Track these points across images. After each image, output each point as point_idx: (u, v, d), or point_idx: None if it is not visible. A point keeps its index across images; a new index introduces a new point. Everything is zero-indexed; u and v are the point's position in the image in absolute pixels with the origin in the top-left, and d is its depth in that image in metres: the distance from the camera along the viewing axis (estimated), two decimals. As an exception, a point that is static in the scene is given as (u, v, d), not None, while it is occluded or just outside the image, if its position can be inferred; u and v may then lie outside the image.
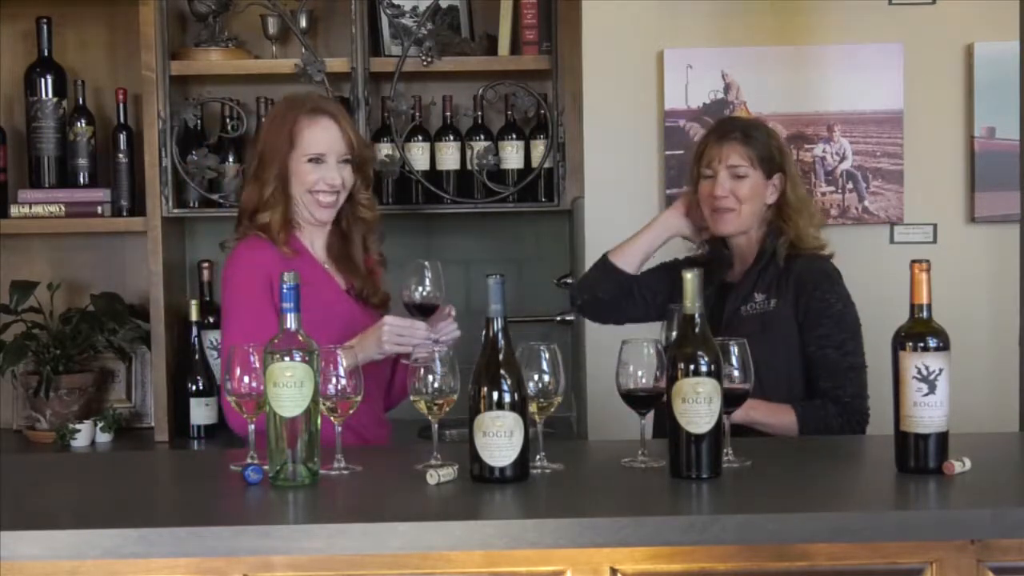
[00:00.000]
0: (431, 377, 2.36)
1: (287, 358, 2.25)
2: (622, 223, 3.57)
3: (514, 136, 3.79)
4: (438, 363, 2.37)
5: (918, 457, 2.30)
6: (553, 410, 2.39)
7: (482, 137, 3.80)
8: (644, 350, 2.39)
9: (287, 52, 3.87)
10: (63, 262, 3.96)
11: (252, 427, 2.40)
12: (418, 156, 3.78)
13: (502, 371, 2.26)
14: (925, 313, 2.32)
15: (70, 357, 3.74)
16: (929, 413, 2.29)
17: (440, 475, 2.28)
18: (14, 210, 3.75)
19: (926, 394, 2.29)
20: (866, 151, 3.61)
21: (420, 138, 3.80)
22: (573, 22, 3.67)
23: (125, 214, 3.79)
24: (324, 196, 2.93)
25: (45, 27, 3.77)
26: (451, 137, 3.80)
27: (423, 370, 2.36)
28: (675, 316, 2.66)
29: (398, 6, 3.76)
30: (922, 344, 2.30)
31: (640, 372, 2.38)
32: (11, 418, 3.92)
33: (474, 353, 2.31)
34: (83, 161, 3.79)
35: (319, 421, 2.29)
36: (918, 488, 2.26)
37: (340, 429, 2.38)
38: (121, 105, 3.82)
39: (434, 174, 3.79)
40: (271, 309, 2.76)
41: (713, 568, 2.12)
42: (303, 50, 3.74)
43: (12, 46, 3.92)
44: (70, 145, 3.79)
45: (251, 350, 2.37)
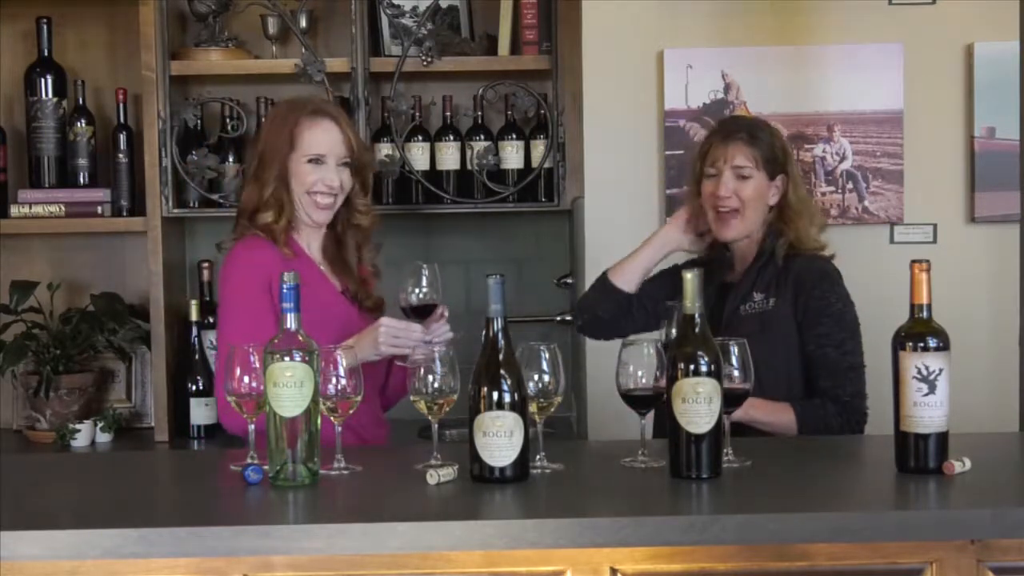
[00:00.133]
0: (431, 377, 2.36)
1: (287, 358, 2.25)
2: (622, 223, 3.59)
3: (514, 136, 3.79)
4: (438, 363, 2.37)
5: (918, 457, 2.31)
6: (553, 410, 2.39)
7: (482, 137, 3.80)
8: (644, 350, 2.39)
9: (287, 52, 3.86)
10: (63, 262, 3.96)
11: (252, 427, 2.40)
12: (418, 156, 3.78)
13: (502, 371, 2.26)
14: (925, 313, 2.32)
15: (70, 357, 3.74)
16: (929, 413, 2.29)
17: (440, 475, 2.28)
18: (14, 210, 3.75)
19: (926, 394, 2.29)
20: (866, 151, 3.61)
21: (420, 138, 3.79)
22: (573, 22, 3.67)
23: (125, 214, 3.79)
24: (322, 198, 2.93)
25: (45, 27, 3.77)
26: (451, 137, 3.80)
27: (423, 370, 2.36)
28: (675, 314, 2.66)
29: (398, 6, 3.76)
30: (922, 344, 2.30)
31: (640, 372, 2.38)
32: (11, 418, 3.92)
33: (474, 353, 2.31)
34: (83, 161, 3.79)
35: (319, 421, 2.29)
36: (918, 488, 2.26)
37: (340, 429, 2.38)
38: (121, 105, 3.82)
39: (434, 174, 3.79)
40: (269, 310, 2.77)
41: (713, 568, 2.12)
42: (303, 50, 3.74)
43: (12, 46, 3.92)
44: (70, 145, 3.79)
45: (251, 350, 2.37)
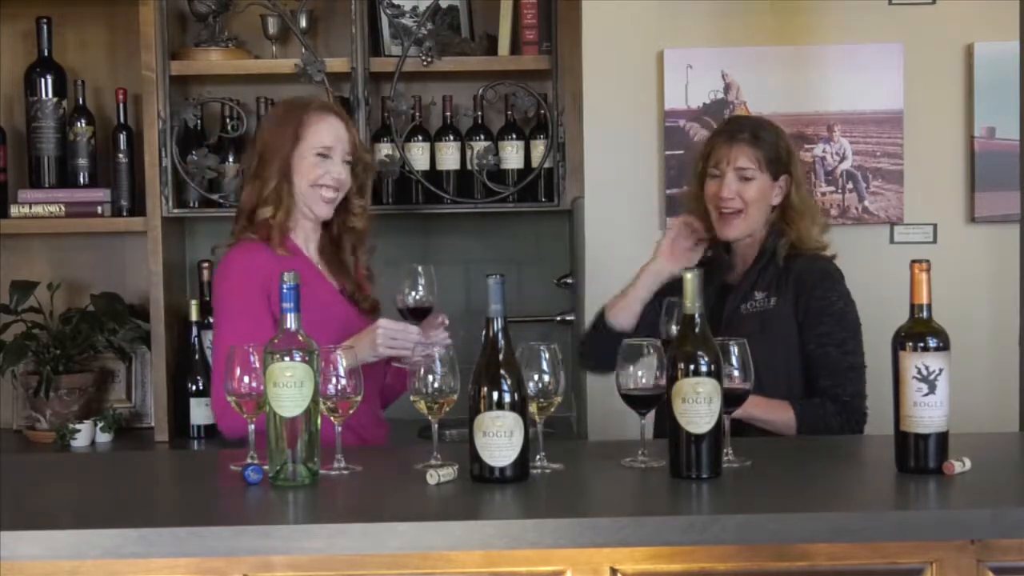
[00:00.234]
0: (431, 377, 2.36)
1: (287, 358, 2.25)
2: (622, 223, 3.59)
3: (514, 136, 3.79)
4: (438, 363, 2.37)
5: (918, 457, 2.31)
6: (553, 410, 2.39)
7: (482, 137, 3.80)
8: (644, 350, 2.39)
9: (287, 52, 3.86)
10: (63, 262, 3.95)
11: (252, 427, 2.40)
12: (418, 156, 3.78)
13: (502, 371, 2.26)
14: (925, 313, 2.32)
15: (70, 357, 3.74)
16: (929, 413, 2.29)
17: (440, 475, 2.28)
18: (14, 210, 3.75)
19: (926, 394, 2.29)
20: (866, 151, 3.61)
21: (420, 138, 3.79)
22: (573, 22, 3.67)
23: (125, 214, 3.79)
24: (327, 191, 2.94)
25: (45, 27, 3.77)
26: (451, 137, 3.80)
27: (423, 370, 2.36)
28: (675, 309, 2.67)
29: (398, 6, 3.76)
30: (922, 344, 2.30)
31: (640, 372, 2.38)
32: (11, 418, 3.91)
33: (474, 353, 2.31)
34: (83, 161, 3.79)
35: (319, 421, 2.29)
36: (918, 488, 2.26)
37: (340, 429, 2.38)
38: (121, 105, 3.82)
39: (434, 174, 3.79)
40: (266, 313, 2.78)
41: (713, 568, 2.12)
42: (303, 50, 3.74)
43: (12, 46, 3.92)
44: (70, 145, 3.79)
45: (251, 350, 2.37)
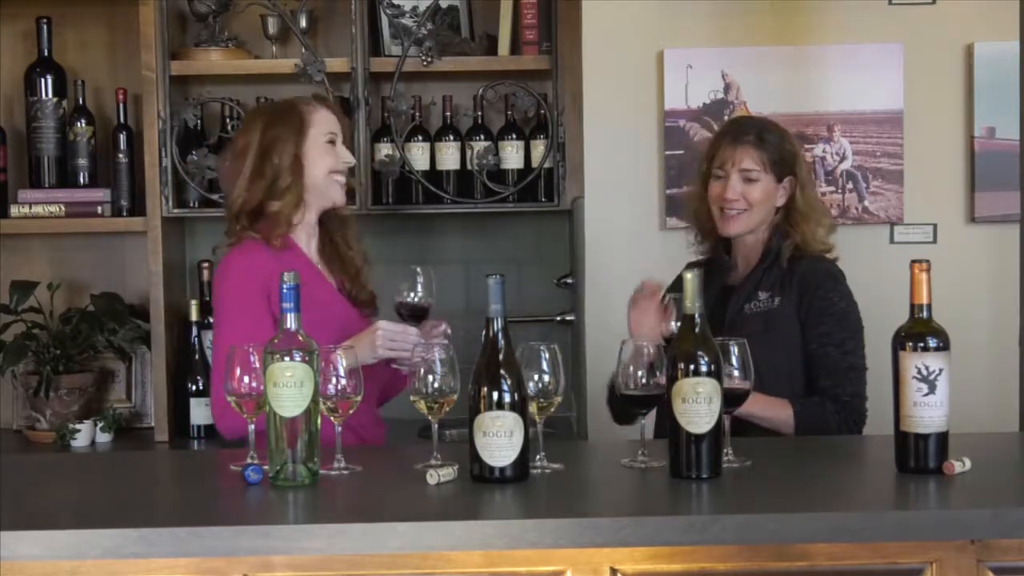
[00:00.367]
0: (431, 377, 2.36)
1: (287, 358, 2.25)
2: (622, 223, 3.59)
3: (514, 136, 3.78)
4: (438, 363, 2.37)
5: (918, 457, 2.30)
6: (553, 410, 2.39)
7: (482, 137, 3.79)
8: (644, 350, 2.39)
9: (287, 52, 3.86)
10: (63, 262, 3.95)
11: (252, 427, 2.40)
12: (418, 156, 3.78)
13: (502, 371, 2.26)
14: (925, 313, 2.32)
15: (70, 357, 3.74)
16: (929, 413, 2.29)
17: (440, 475, 2.28)
18: (14, 210, 3.75)
19: (926, 394, 2.29)
20: (866, 151, 3.61)
21: (420, 138, 3.79)
22: (573, 22, 3.67)
23: (125, 214, 3.79)
24: (341, 176, 2.96)
25: (45, 27, 3.77)
26: (451, 137, 3.79)
27: (423, 370, 2.36)
28: (674, 306, 2.67)
29: (398, 6, 3.75)
30: (922, 344, 2.30)
31: (640, 372, 2.38)
32: (11, 418, 3.91)
33: (474, 353, 2.31)
34: (83, 161, 3.78)
35: (319, 421, 2.29)
36: (918, 488, 2.26)
37: (340, 429, 2.38)
38: (121, 105, 3.82)
39: (434, 174, 3.78)
40: (266, 313, 2.77)
41: (713, 568, 2.12)
42: (303, 50, 3.74)
43: (12, 46, 3.92)
44: (70, 145, 3.78)
45: (251, 350, 2.37)
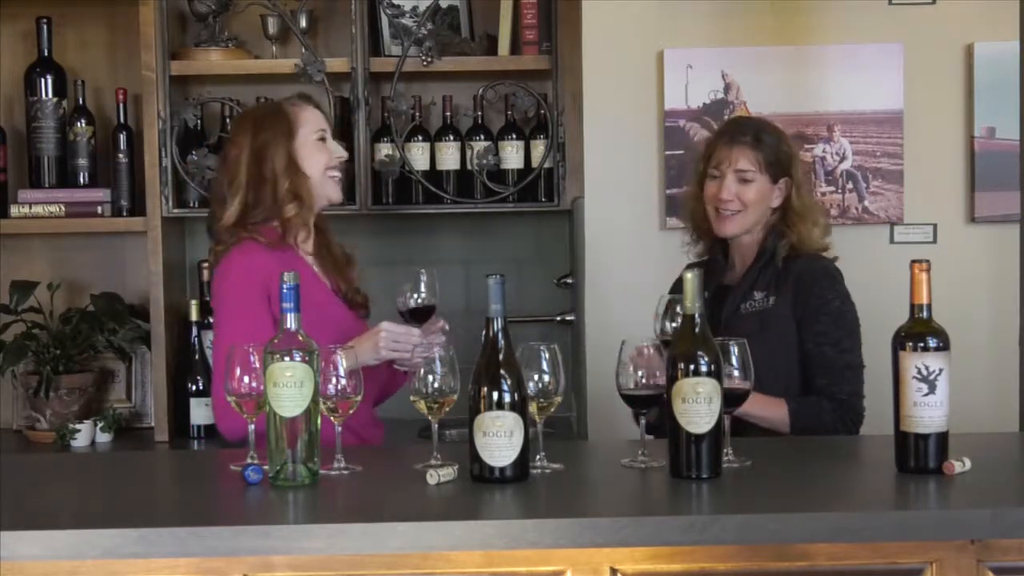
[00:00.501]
0: (431, 377, 2.36)
1: (287, 358, 2.25)
2: (622, 223, 3.59)
3: (514, 136, 3.78)
4: (438, 363, 2.37)
5: (918, 457, 2.30)
6: (553, 410, 2.39)
7: (482, 137, 3.79)
8: (644, 350, 2.39)
9: (287, 52, 3.86)
10: (63, 262, 3.95)
11: (252, 427, 2.40)
12: (418, 156, 3.78)
13: (502, 371, 2.26)
14: (925, 313, 2.32)
15: (70, 357, 3.74)
16: (929, 413, 2.29)
17: (440, 475, 2.28)
18: (14, 210, 3.75)
19: (926, 394, 2.29)
20: (866, 151, 3.61)
21: (420, 138, 3.79)
22: (573, 22, 3.67)
23: (125, 214, 3.79)
24: (336, 172, 2.96)
25: (45, 27, 3.77)
26: (451, 137, 3.79)
27: (423, 370, 2.36)
28: (673, 306, 2.66)
29: (398, 6, 3.75)
30: (922, 344, 2.30)
31: (640, 372, 2.38)
32: (11, 418, 3.91)
33: (474, 353, 2.31)
34: (83, 161, 3.78)
35: (319, 421, 2.29)
36: (918, 488, 2.26)
37: (340, 429, 2.38)
38: (121, 105, 3.82)
39: (434, 174, 3.78)
40: (266, 313, 2.77)
41: (713, 568, 2.12)
42: (303, 50, 3.74)
43: (12, 46, 3.92)
44: (70, 145, 3.78)
45: (251, 350, 2.37)
